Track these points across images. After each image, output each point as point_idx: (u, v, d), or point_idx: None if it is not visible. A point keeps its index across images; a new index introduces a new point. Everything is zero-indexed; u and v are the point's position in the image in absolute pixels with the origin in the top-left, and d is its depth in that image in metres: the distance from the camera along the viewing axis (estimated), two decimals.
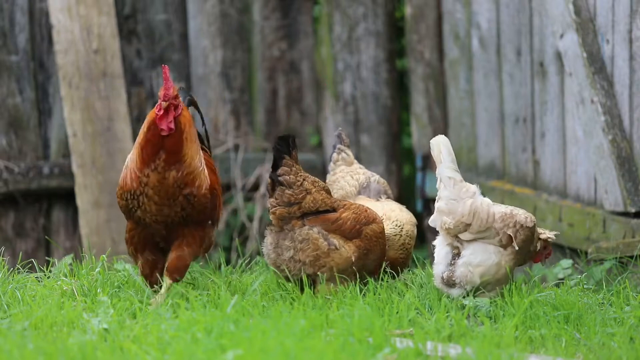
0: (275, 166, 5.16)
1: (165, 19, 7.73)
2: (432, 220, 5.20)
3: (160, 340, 4.37)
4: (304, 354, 4.05)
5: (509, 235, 5.09)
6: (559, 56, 6.66)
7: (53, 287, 5.15)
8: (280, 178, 5.13)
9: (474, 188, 5.16)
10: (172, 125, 5.02)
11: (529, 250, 5.19)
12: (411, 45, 7.82)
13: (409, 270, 5.63)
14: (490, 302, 5.01)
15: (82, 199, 7.37)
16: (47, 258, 7.14)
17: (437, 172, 5.19)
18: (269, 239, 5.25)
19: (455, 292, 5.11)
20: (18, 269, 5.41)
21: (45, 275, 5.38)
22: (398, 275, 5.45)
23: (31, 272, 5.42)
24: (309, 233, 5.15)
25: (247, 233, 7.83)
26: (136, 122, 7.67)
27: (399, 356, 4.24)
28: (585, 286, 5.61)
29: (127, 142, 7.45)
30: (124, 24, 7.63)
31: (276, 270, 5.22)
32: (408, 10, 7.85)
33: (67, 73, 7.35)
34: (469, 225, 5.11)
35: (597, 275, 6.07)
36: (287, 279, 5.22)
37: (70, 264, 5.73)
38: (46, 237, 7.47)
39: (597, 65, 6.30)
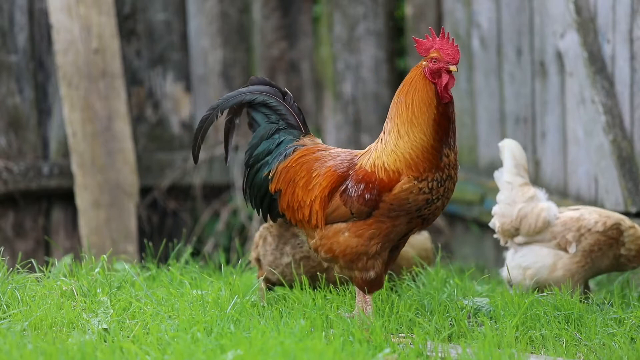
0: None
1: (165, 18, 7.72)
2: (492, 223, 5.40)
3: (160, 340, 4.37)
4: (304, 354, 4.05)
5: (567, 239, 5.18)
6: (559, 56, 6.65)
7: (52, 287, 5.14)
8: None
9: (532, 192, 5.30)
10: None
11: (613, 255, 5.26)
12: (412, 44, 7.81)
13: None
14: (490, 302, 5.01)
15: (82, 199, 7.36)
16: (46, 258, 7.14)
17: (498, 174, 5.33)
18: (269, 240, 5.19)
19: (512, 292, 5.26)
20: (17, 269, 5.40)
21: (44, 275, 5.37)
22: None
23: (30, 272, 5.41)
24: (311, 252, 5.10)
25: (247, 233, 7.82)
26: (136, 121, 7.66)
27: (399, 356, 4.24)
28: None
29: (127, 142, 7.44)
30: (123, 24, 7.62)
31: (272, 270, 5.18)
32: (408, 9, 7.85)
33: (66, 73, 7.34)
34: (518, 228, 5.28)
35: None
36: (275, 282, 5.17)
37: (70, 264, 5.73)
38: (46, 237, 7.46)
39: (598, 65, 6.29)
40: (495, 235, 5.41)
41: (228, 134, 4.85)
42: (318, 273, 5.10)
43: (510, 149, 5.36)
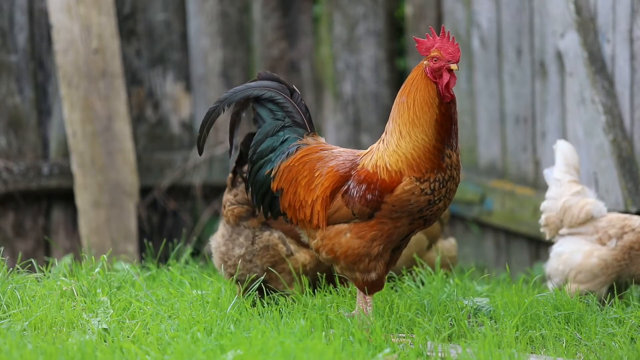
0: (241, 161, 4.93)
1: (165, 18, 7.72)
2: (540, 220, 5.49)
3: (160, 340, 4.37)
4: (304, 354, 4.04)
5: (609, 234, 5.29)
6: (559, 56, 6.65)
7: (52, 287, 5.14)
8: (245, 175, 4.87)
9: (580, 188, 5.43)
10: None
11: None
12: (412, 44, 7.81)
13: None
14: (490, 302, 5.01)
15: (82, 199, 7.36)
16: (46, 258, 7.14)
17: (548, 172, 5.50)
18: (222, 231, 5.07)
19: (550, 286, 5.31)
20: (17, 269, 5.40)
21: (44, 275, 5.37)
22: None
23: (30, 272, 5.41)
24: (270, 239, 5.01)
25: None
26: (136, 121, 7.66)
27: (399, 356, 4.23)
28: None
29: (127, 142, 7.44)
30: (123, 24, 7.62)
31: (222, 266, 5.06)
32: (408, 9, 7.85)
33: (66, 73, 7.34)
34: (562, 220, 5.38)
35: None
36: (230, 275, 5.07)
37: (70, 264, 5.73)
38: (45, 237, 7.46)
39: (598, 65, 6.29)
40: (541, 230, 5.48)
41: (234, 126, 4.81)
42: (278, 266, 5.02)
43: (562, 150, 5.49)
